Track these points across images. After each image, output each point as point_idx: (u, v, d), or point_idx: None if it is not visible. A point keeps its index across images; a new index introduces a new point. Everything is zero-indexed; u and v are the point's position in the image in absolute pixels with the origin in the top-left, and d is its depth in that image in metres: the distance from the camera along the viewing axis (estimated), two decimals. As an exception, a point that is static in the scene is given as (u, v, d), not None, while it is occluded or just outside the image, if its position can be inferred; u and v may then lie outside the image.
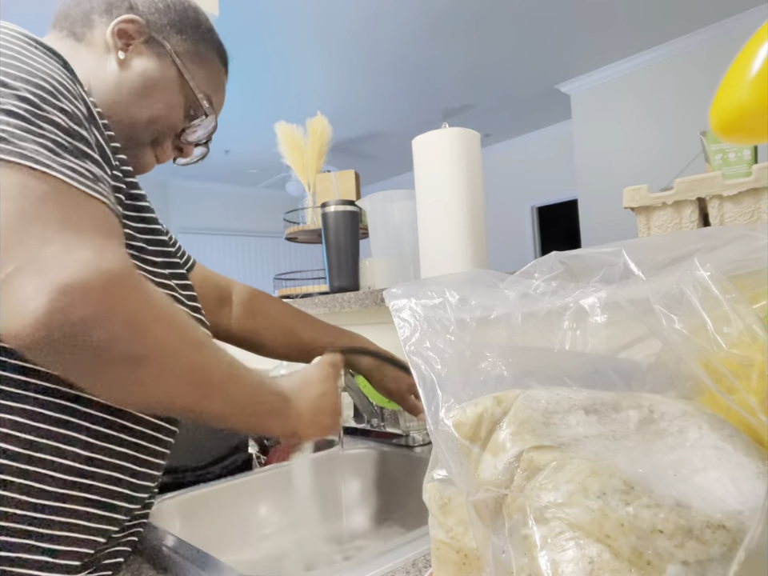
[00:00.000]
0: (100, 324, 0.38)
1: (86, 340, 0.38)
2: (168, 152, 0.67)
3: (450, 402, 0.33)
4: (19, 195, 0.39)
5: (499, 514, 0.29)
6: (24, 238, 0.38)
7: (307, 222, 2.08)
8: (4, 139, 0.40)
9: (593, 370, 0.35)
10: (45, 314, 0.36)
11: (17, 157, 0.40)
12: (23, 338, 0.37)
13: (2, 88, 0.42)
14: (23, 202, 0.39)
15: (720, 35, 3.89)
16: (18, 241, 0.37)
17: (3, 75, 0.42)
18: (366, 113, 5.25)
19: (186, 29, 0.64)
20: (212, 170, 6.53)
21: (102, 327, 0.38)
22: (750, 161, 0.78)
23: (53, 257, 0.37)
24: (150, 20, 0.62)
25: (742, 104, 0.37)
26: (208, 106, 0.66)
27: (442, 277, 0.45)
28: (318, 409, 0.59)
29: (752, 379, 0.28)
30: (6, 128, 0.40)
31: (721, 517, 0.24)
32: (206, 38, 0.66)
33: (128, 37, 0.60)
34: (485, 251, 1.00)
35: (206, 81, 0.66)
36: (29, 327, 0.36)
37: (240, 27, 3.59)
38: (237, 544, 0.81)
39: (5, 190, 0.39)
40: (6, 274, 0.37)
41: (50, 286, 0.36)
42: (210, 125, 0.68)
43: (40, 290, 0.36)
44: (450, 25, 3.74)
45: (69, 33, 0.61)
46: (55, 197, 0.40)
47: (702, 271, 0.30)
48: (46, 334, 0.37)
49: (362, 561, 0.52)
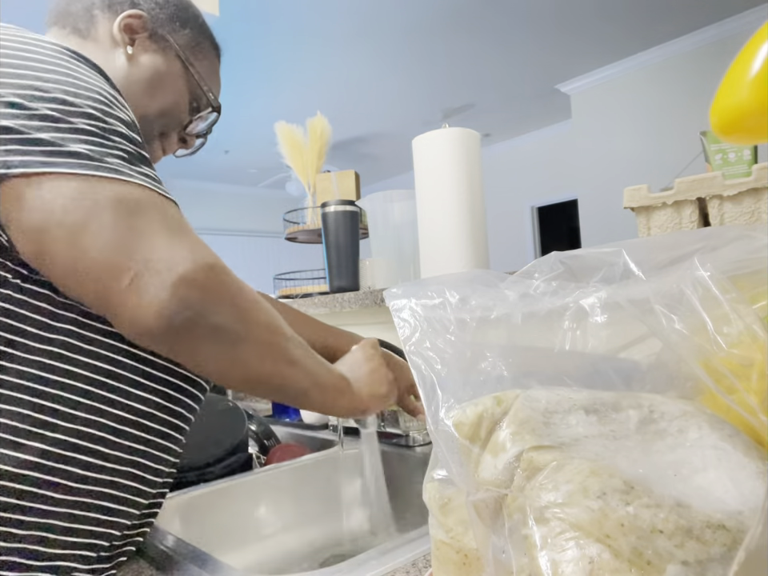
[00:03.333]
0: (211, 308, 0.43)
1: (201, 323, 0.43)
2: (174, 144, 0.69)
3: (450, 402, 0.33)
4: (117, 207, 0.43)
5: (499, 514, 0.29)
6: (134, 246, 0.42)
7: (307, 222, 2.08)
8: (91, 157, 0.43)
9: (593, 370, 0.35)
10: (168, 306, 0.41)
11: (106, 171, 0.43)
12: (154, 330, 0.42)
13: (69, 107, 0.43)
14: (122, 213, 0.43)
15: (720, 35, 3.90)
16: (129, 250, 0.42)
17: (64, 93, 0.44)
18: (365, 113, 5.25)
19: (185, 22, 0.65)
20: (212, 170, 6.53)
21: (214, 311, 0.44)
22: (750, 161, 0.78)
23: (162, 258, 0.42)
24: (151, 15, 0.62)
25: (742, 104, 0.37)
26: (213, 98, 0.67)
27: (442, 277, 0.45)
28: (372, 383, 0.62)
29: (752, 379, 0.28)
30: (89, 147, 0.43)
31: (721, 517, 0.24)
32: (203, 30, 0.68)
33: (133, 32, 0.61)
34: (485, 251, 1.00)
35: (208, 72, 0.68)
36: (157, 319, 0.41)
37: (240, 27, 3.59)
38: (237, 544, 0.81)
39: (105, 202, 0.42)
40: (129, 278, 0.41)
41: (168, 282, 0.41)
42: (213, 116, 0.69)
43: (161, 287, 0.41)
44: (450, 24, 3.74)
45: (72, 30, 0.61)
46: (146, 204, 0.44)
47: (702, 271, 0.30)
48: (169, 322, 0.42)
49: (362, 561, 0.52)
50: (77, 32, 0.61)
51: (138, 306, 0.41)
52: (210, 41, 0.68)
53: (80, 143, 0.43)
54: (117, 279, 0.41)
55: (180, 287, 0.42)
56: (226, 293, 0.45)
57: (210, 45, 0.68)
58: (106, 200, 0.42)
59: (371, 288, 1.28)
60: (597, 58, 4.36)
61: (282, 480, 0.87)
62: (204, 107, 0.68)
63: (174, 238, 0.44)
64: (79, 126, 0.43)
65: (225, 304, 0.45)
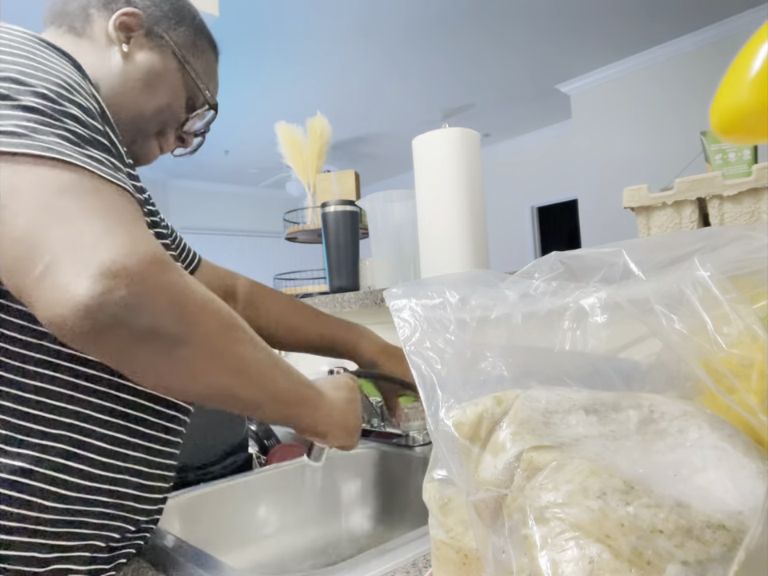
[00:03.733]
0: (145, 306, 0.38)
1: (131, 323, 0.38)
2: (171, 142, 0.68)
3: (450, 402, 0.33)
4: (45, 188, 0.39)
5: (499, 514, 0.29)
6: (55, 229, 0.37)
7: (307, 222, 2.08)
8: (24, 135, 0.40)
9: (593, 370, 0.35)
10: (88, 298, 0.36)
11: (39, 150, 0.39)
12: (69, 325, 0.37)
13: (19, 86, 0.42)
14: (50, 194, 0.39)
15: (720, 35, 3.89)
16: (50, 233, 0.37)
17: (18, 74, 0.43)
18: (365, 113, 5.25)
19: (181, 20, 0.65)
20: (212, 170, 6.52)
21: (147, 310, 0.38)
22: (750, 161, 0.78)
23: (87, 244, 0.37)
24: (147, 12, 0.62)
25: (741, 104, 0.37)
26: (210, 96, 0.67)
27: (442, 277, 0.45)
28: (346, 411, 0.59)
29: (752, 379, 0.28)
30: (26, 123, 0.40)
31: (721, 517, 0.24)
32: (200, 28, 0.67)
33: (128, 29, 0.61)
34: (485, 251, 1.00)
35: (205, 70, 0.67)
36: (75, 314, 0.36)
37: (240, 27, 3.59)
38: (237, 544, 0.81)
39: (30, 184, 0.39)
40: (44, 265, 0.37)
41: (90, 270, 0.36)
42: (211, 113, 0.69)
43: (80, 276, 0.36)
44: (450, 25, 3.74)
45: (68, 29, 0.61)
46: (81, 186, 0.40)
47: (702, 271, 0.30)
48: (91, 318, 0.36)
49: (362, 561, 0.52)
50: (72, 30, 0.60)
51: (50, 298, 0.37)
52: (206, 38, 0.68)
53: (17, 120, 0.40)
54: (28, 268, 0.37)
55: (105, 278, 0.36)
56: (166, 290, 0.40)
57: (207, 42, 0.68)
58: (35, 178, 0.39)
59: (371, 288, 1.28)
60: (597, 58, 4.36)
61: (282, 480, 0.87)
62: (200, 105, 0.67)
63: (107, 223, 0.39)
64: (25, 103, 0.41)
65: (163, 303, 0.39)
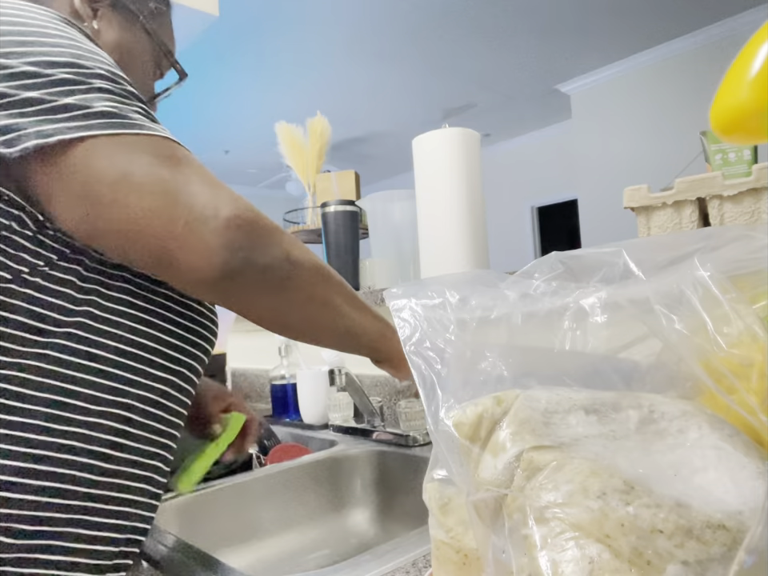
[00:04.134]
0: (262, 250, 0.45)
1: (254, 264, 0.45)
2: None
3: (450, 401, 0.33)
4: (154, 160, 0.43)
5: (499, 514, 0.29)
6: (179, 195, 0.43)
7: (307, 222, 2.08)
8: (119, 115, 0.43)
9: (593, 370, 0.35)
10: (223, 250, 0.43)
11: (136, 128, 0.44)
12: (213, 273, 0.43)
13: (82, 69, 0.44)
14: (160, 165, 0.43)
15: (720, 35, 3.90)
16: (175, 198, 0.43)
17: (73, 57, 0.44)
18: (366, 113, 5.25)
19: None
20: (212, 169, 6.45)
21: (264, 252, 0.45)
22: (750, 161, 0.78)
23: (208, 204, 0.43)
24: None
25: (741, 104, 0.37)
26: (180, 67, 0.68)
27: (442, 277, 0.45)
28: None
29: (752, 379, 0.28)
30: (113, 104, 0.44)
31: (721, 517, 0.24)
32: None
33: (94, 1, 0.60)
34: (485, 251, 1.00)
35: (168, 36, 0.67)
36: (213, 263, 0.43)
37: (240, 27, 3.59)
38: (237, 544, 0.81)
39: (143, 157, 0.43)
40: (182, 224, 0.42)
41: (220, 225, 0.43)
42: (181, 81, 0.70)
43: (214, 232, 0.42)
44: (450, 25, 3.74)
45: None
46: (180, 155, 0.45)
47: (701, 271, 0.30)
48: (225, 265, 0.43)
49: (362, 561, 0.52)
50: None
51: (194, 250, 0.42)
52: (166, 4, 0.68)
53: (103, 101, 0.43)
54: (170, 227, 0.42)
55: (230, 230, 0.43)
56: (270, 233, 0.47)
57: (166, 6, 0.68)
58: (143, 154, 0.43)
59: (371, 288, 1.28)
60: (597, 58, 4.36)
61: (282, 480, 0.87)
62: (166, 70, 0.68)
63: (213, 185, 0.45)
64: (97, 85, 0.44)
65: (272, 244, 0.46)
